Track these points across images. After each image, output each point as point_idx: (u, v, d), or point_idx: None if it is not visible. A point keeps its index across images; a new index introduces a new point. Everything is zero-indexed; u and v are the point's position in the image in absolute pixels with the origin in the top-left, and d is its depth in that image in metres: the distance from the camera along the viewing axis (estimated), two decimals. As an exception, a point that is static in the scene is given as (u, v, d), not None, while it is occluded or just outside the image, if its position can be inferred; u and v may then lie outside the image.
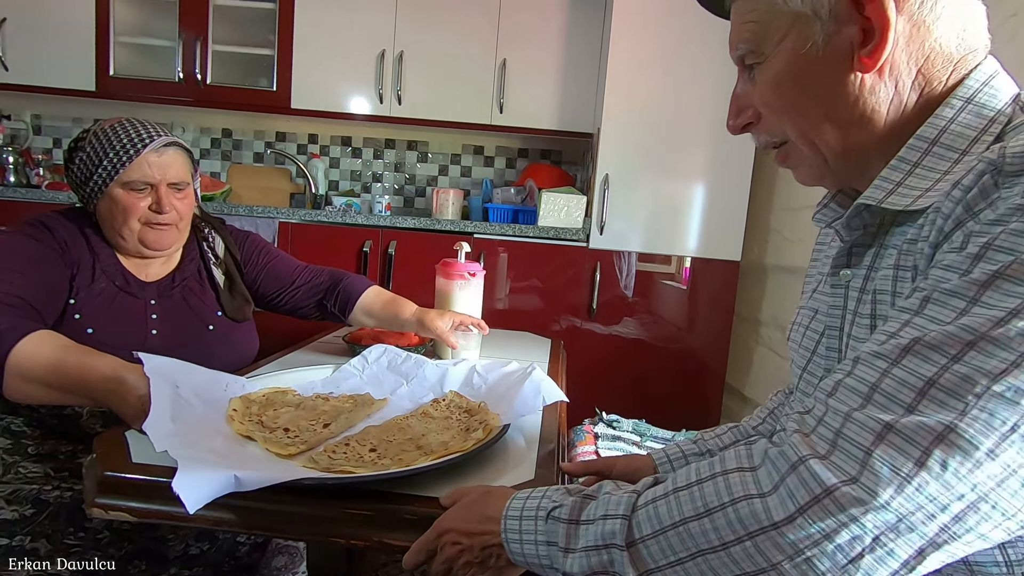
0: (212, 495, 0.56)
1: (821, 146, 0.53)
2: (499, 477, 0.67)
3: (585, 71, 2.36)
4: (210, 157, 2.74)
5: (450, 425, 0.78)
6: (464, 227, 2.14)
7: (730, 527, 0.41)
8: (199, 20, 2.34)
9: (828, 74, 0.50)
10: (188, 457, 0.60)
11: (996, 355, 0.36)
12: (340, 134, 2.72)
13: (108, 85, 2.36)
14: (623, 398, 2.08)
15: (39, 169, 2.47)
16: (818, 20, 0.49)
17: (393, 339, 1.18)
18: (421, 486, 0.63)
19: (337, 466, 0.64)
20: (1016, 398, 0.36)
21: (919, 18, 0.47)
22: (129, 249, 1.04)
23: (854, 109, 0.50)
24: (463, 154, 2.73)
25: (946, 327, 0.39)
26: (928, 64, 0.49)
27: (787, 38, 0.50)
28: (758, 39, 0.52)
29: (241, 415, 0.77)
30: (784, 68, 0.51)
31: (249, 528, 0.61)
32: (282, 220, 2.14)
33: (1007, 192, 0.40)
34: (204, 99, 2.40)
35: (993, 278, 0.38)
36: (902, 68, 0.48)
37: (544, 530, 0.50)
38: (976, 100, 0.48)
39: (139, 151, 0.99)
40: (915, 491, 0.36)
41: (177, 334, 1.05)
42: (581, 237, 2.12)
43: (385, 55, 2.35)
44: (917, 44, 0.48)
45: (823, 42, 0.49)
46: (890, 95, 0.49)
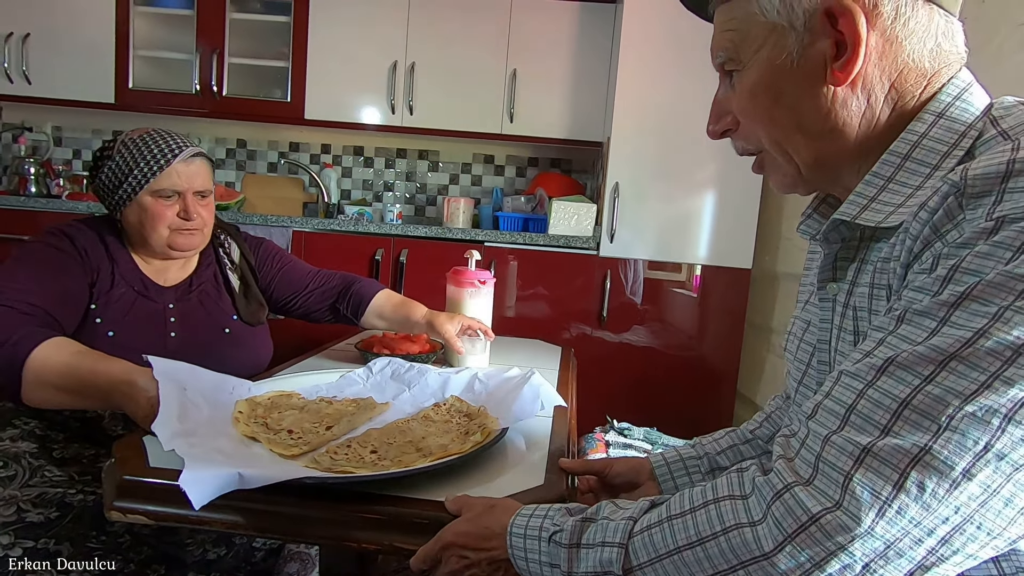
0: (217, 492, 0.57)
1: (793, 155, 0.54)
2: (504, 481, 0.68)
3: (595, 80, 2.37)
4: (225, 167, 2.79)
5: (450, 428, 0.79)
6: (475, 235, 2.16)
7: (723, 556, 0.42)
8: (216, 34, 2.39)
9: (802, 85, 0.50)
10: (194, 455, 0.61)
11: (967, 375, 0.37)
12: (352, 144, 2.76)
13: (127, 97, 2.42)
14: (634, 406, 2.07)
15: (59, 180, 2.52)
16: (793, 32, 0.49)
17: (404, 346, 1.19)
18: (423, 489, 0.63)
19: (338, 466, 0.65)
20: (987, 418, 0.36)
21: (891, 34, 0.48)
22: (156, 252, 1.08)
23: (826, 121, 0.50)
24: (473, 163, 2.75)
25: (917, 347, 0.39)
26: (901, 78, 0.49)
27: (763, 48, 0.51)
28: (736, 47, 0.53)
29: (247, 417, 0.79)
30: (760, 77, 0.52)
31: (261, 531, 0.62)
32: (296, 229, 2.17)
33: (971, 214, 0.40)
34: (220, 110, 2.44)
35: (961, 299, 0.38)
36: (875, 82, 0.49)
37: (547, 551, 0.51)
38: (947, 114, 0.48)
39: (169, 161, 1.03)
40: (897, 515, 0.37)
41: (194, 337, 1.08)
42: (591, 245, 2.13)
43: (397, 66, 2.39)
44: (890, 59, 0.48)
45: (798, 53, 0.50)
46: (862, 108, 0.50)
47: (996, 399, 0.36)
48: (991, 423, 0.36)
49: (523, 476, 0.69)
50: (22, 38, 2.37)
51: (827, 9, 0.47)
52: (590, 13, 2.35)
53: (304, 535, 0.63)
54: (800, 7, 0.48)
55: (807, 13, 0.48)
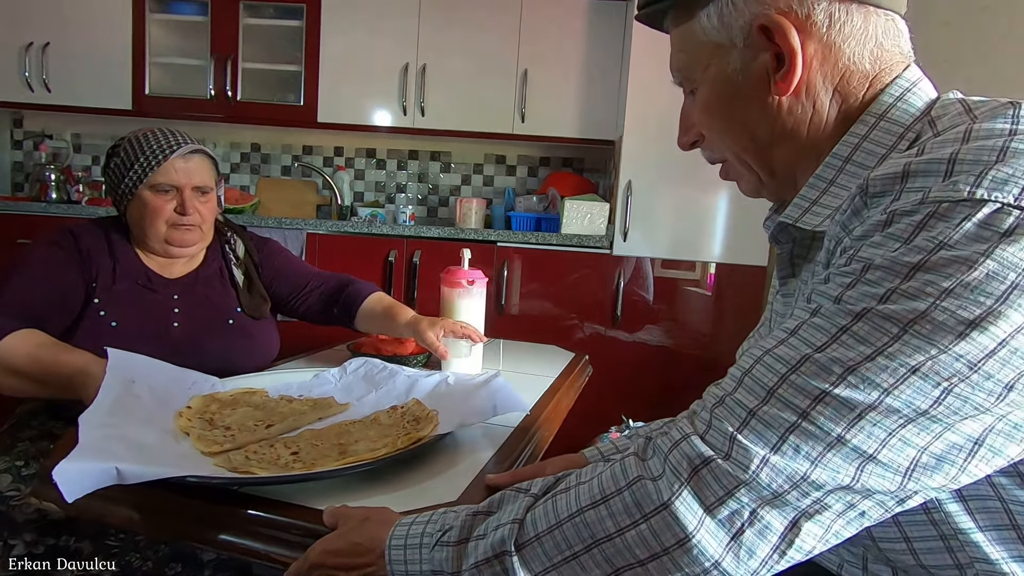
0: (92, 486, 0.55)
1: (752, 164, 0.56)
2: (416, 492, 0.63)
3: (606, 79, 2.36)
4: (239, 171, 2.82)
5: (390, 433, 0.75)
6: (487, 236, 2.16)
7: (627, 511, 0.42)
8: (230, 40, 2.42)
9: (749, 97, 0.52)
10: (85, 448, 0.60)
11: (854, 348, 0.39)
12: (365, 146, 2.77)
13: (144, 104, 2.45)
14: (650, 405, 2.06)
15: (79, 186, 2.57)
16: (735, 48, 0.51)
17: (392, 347, 1.18)
18: (327, 496, 0.59)
19: (246, 466, 0.63)
20: (867, 389, 0.38)
21: (828, 40, 0.49)
22: (156, 249, 1.10)
23: (774, 129, 0.52)
24: (485, 163, 2.75)
25: (813, 319, 0.42)
26: (844, 82, 0.50)
27: (711, 66, 0.53)
28: (687, 68, 0.56)
29: (193, 412, 0.77)
30: (710, 93, 0.55)
31: (147, 529, 0.61)
32: (309, 231, 2.18)
33: (873, 211, 0.42)
34: (234, 115, 2.47)
35: (855, 282, 0.41)
36: (818, 88, 0.50)
37: (429, 559, 0.48)
38: (888, 116, 0.49)
39: (167, 156, 1.05)
40: (776, 469, 0.39)
41: (198, 327, 1.09)
42: (604, 244, 2.12)
43: (408, 68, 2.40)
44: (831, 64, 0.50)
45: (741, 68, 0.52)
46: (808, 114, 0.51)
47: (877, 372, 0.38)
48: (870, 394, 0.38)
49: (440, 489, 0.64)
50: (42, 47, 2.42)
51: (760, 25, 0.49)
52: (601, 11, 2.34)
53: (191, 537, 0.59)
54: (736, 25, 0.50)
55: (743, 30, 0.50)
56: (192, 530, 0.59)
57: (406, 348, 1.19)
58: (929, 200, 0.39)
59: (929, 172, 0.40)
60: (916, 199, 0.40)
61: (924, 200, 0.39)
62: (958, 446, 0.39)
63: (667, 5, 0.55)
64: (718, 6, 0.51)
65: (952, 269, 0.37)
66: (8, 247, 2.10)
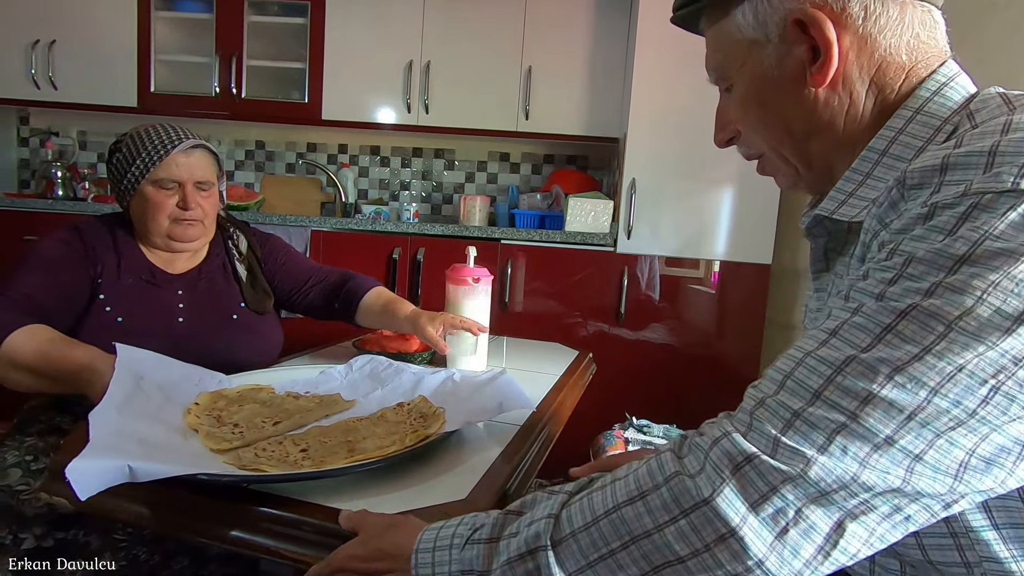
0: (104, 484, 0.55)
1: (789, 157, 0.56)
2: (423, 491, 0.63)
3: (611, 76, 2.36)
4: (244, 168, 2.83)
5: (398, 430, 0.75)
6: (491, 233, 2.16)
7: (665, 508, 0.41)
8: (234, 37, 2.42)
9: (785, 91, 0.53)
10: (100, 446, 0.60)
11: (899, 347, 0.38)
12: (369, 144, 2.78)
13: (149, 101, 2.46)
14: (654, 403, 2.06)
15: (84, 183, 2.58)
16: (770, 44, 0.52)
17: (397, 344, 1.18)
18: (337, 494, 0.59)
19: (255, 464, 0.63)
20: (914, 389, 0.38)
21: (864, 31, 0.49)
22: (158, 243, 1.11)
23: (811, 121, 0.53)
24: (489, 161, 2.75)
25: (855, 318, 0.41)
26: (880, 73, 0.50)
27: (746, 63, 0.54)
28: (723, 67, 0.57)
29: (201, 409, 0.78)
30: (746, 89, 0.55)
31: (157, 526, 0.60)
32: (314, 229, 2.19)
33: (911, 203, 0.42)
34: (239, 113, 2.48)
35: (897, 277, 0.40)
36: (855, 79, 0.51)
37: (459, 559, 0.48)
38: (925, 110, 0.49)
39: (168, 151, 1.06)
40: (824, 469, 0.38)
41: (203, 322, 1.10)
42: (608, 242, 2.12)
43: (413, 65, 2.40)
44: (867, 56, 0.50)
45: (776, 63, 0.52)
46: (845, 106, 0.52)
47: (925, 371, 0.37)
48: (918, 394, 0.37)
49: (448, 487, 0.64)
50: (48, 45, 2.43)
51: (795, 19, 0.50)
52: (606, 7, 2.34)
53: (201, 534, 0.59)
54: (772, 21, 0.51)
55: (779, 26, 0.51)
56: (202, 527, 0.59)
57: (411, 345, 1.19)
58: (972, 192, 0.38)
59: (969, 164, 0.40)
60: (958, 191, 0.39)
61: (967, 192, 0.39)
62: (1007, 449, 0.38)
63: (702, 5, 0.56)
64: (753, 3, 0.52)
65: (999, 261, 0.37)
66: (14, 244, 2.11)
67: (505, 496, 0.66)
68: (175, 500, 0.60)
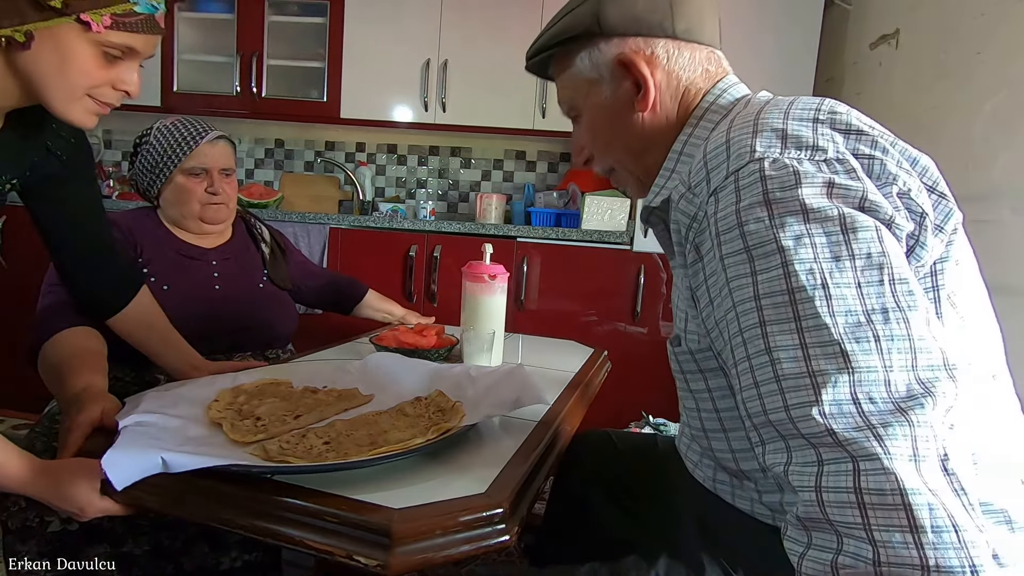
0: (139, 475, 0.57)
1: (632, 169, 0.71)
2: (446, 483, 0.63)
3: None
4: (264, 167, 2.86)
5: (417, 423, 0.76)
6: (507, 231, 2.17)
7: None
8: (255, 37, 2.45)
9: (619, 117, 0.68)
10: (132, 433, 0.61)
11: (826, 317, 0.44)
12: (386, 142, 2.80)
13: (172, 100, 2.50)
14: (670, 402, 2.04)
15: (109, 180, 2.63)
16: (604, 81, 0.67)
17: (413, 340, 1.19)
18: (359, 486, 0.60)
19: (281, 456, 0.64)
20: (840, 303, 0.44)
21: (669, 68, 0.66)
22: (191, 227, 1.23)
23: (642, 138, 0.68)
24: (505, 159, 2.76)
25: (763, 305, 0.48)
26: (685, 96, 0.67)
27: (589, 96, 0.69)
28: (572, 100, 0.71)
29: (222, 403, 0.79)
30: (591, 118, 0.70)
31: (188, 516, 0.61)
32: (332, 226, 2.21)
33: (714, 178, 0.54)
34: (259, 111, 2.51)
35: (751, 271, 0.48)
36: (668, 102, 0.67)
37: None
38: (705, 117, 0.65)
39: (197, 142, 1.18)
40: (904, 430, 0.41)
41: (236, 288, 1.24)
42: (625, 240, 2.11)
43: (430, 64, 2.41)
44: (674, 85, 0.66)
45: (611, 95, 0.67)
46: (662, 124, 0.67)
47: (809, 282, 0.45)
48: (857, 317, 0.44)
49: (467, 481, 0.64)
50: (75, 45, 2.48)
51: (619, 60, 0.66)
52: (623, 6, 2.33)
53: (227, 523, 0.60)
54: (603, 63, 0.67)
55: (608, 67, 0.66)
56: (227, 516, 0.60)
57: (427, 342, 1.20)
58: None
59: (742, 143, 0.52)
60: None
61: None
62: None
63: (548, 55, 0.71)
64: (589, 51, 0.67)
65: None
66: (42, 239, 2.17)
67: (523, 491, 0.66)
68: (202, 490, 0.61)
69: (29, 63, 0.65)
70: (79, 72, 0.67)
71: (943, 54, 1.50)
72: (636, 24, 0.65)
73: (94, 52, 0.67)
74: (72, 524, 0.84)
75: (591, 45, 0.67)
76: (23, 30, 0.62)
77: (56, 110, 0.69)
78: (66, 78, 0.67)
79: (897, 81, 1.73)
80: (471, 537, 0.58)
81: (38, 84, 0.67)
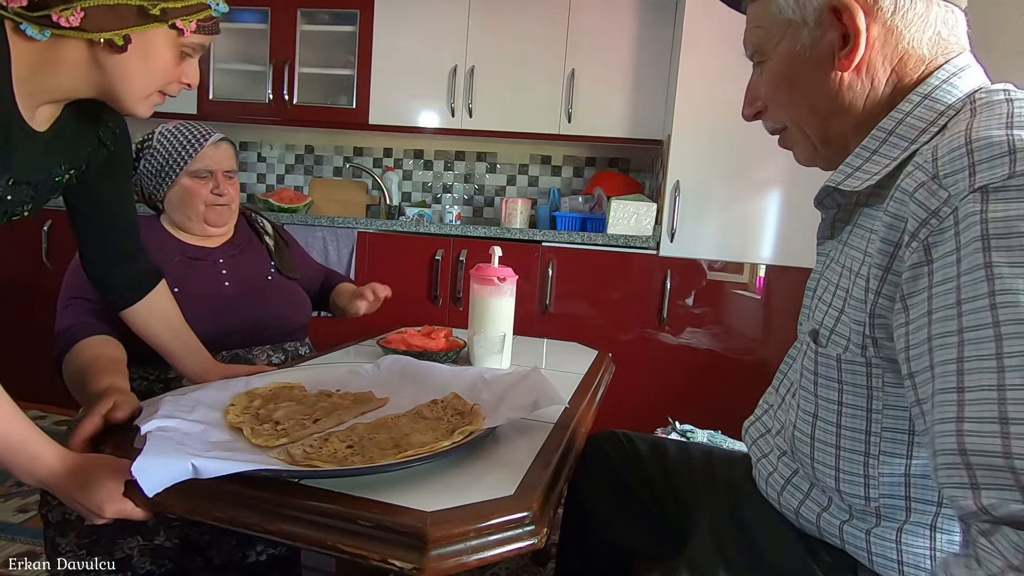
0: (170, 481, 0.57)
1: (810, 133, 0.62)
2: (473, 486, 0.63)
3: (655, 79, 2.34)
4: (294, 172, 2.93)
5: (438, 427, 0.76)
6: (533, 235, 2.17)
7: None
8: (287, 46, 2.52)
9: (814, 72, 0.58)
10: (159, 439, 0.61)
11: None
12: (413, 147, 2.83)
13: (207, 108, 2.58)
14: (697, 408, 2.02)
15: (147, 186, 2.72)
16: (806, 27, 0.58)
17: (422, 342, 1.19)
18: (385, 488, 0.60)
19: (306, 460, 0.64)
20: None
21: (891, 24, 0.55)
22: (194, 228, 1.23)
23: (835, 102, 0.58)
24: (531, 164, 2.77)
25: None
26: (901, 64, 0.56)
27: (782, 41, 0.60)
28: (761, 42, 0.62)
29: (239, 408, 0.79)
30: (779, 66, 0.61)
31: (219, 521, 0.61)
32: (360, 230, 2.25)
33: (952, 186, 0.45)
34: (290, 118, 2.57)
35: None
36: (878, 67, 0.56)
37: None
38: (933, 96, 0.54)
39: (202, 144, 1.20)
40: None
41: (244, 283, 1.24)
42: (651, 245, 2.10)
43: (457, 70, 2.44)
44: (891, 47, 0.56)
45: (810, 45, 0.58)
46: (866, 90, 0.57)
47: None
48: None
49: (492, 483, 0.64)
50: (117, 56, 2.58)
51: (832, 6, 0.55)
52: (650, 10, 2.32)
53: (254, 527, 0.60)
54: (811, 5, 0.56)
55: (816, 10, 0.56)
56: (256, 520, 0.60)
57: (436, 344, 1.20)
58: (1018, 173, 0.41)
59: (993, 151, 0.43)
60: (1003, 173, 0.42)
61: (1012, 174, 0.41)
62: None
63: None
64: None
65: None
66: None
67: (549, 493, 0.66)
68: (229, 495, 0.61)
69: (117, 63, 0.69)
70: (161, 71, 0.72)
71: None
72: None
73: (175, 52, 0.72)
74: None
75: None
76: (122, 34, 0.67)
77: (126, 105, 0.73)
78: (149, 77, 0.71)
79: None
80: (503, 539, 0.58)
81: (119, 81, 0.70)
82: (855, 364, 0.54)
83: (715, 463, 0.86)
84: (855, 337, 0.54)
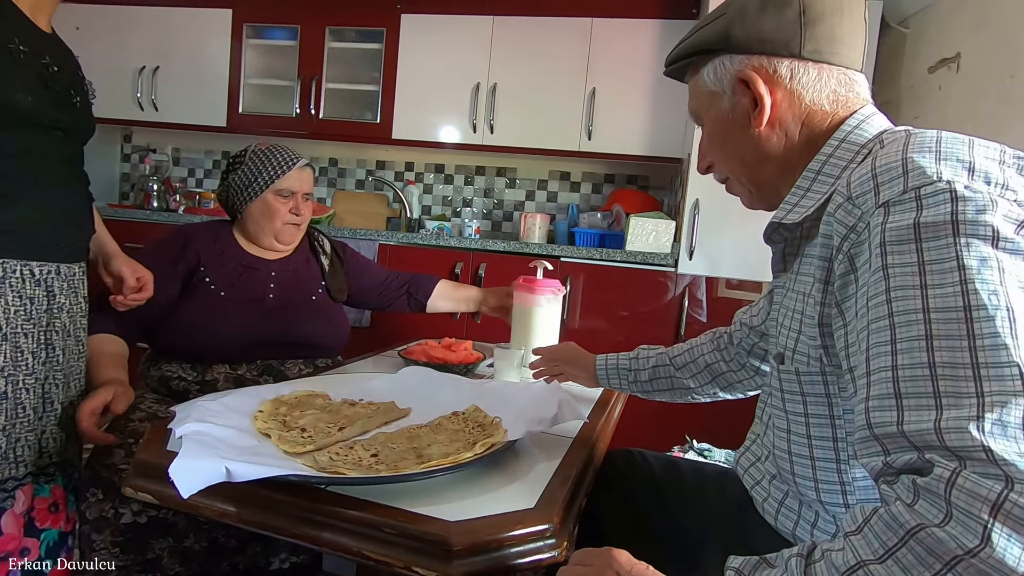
0: (204, 483, 0.59)
1: (744, 181, 0.73)
2: (495, 498, 0.65)
3: (675, 96, 2.36)
4: (318, 184, 2.99)
5: (459, 438, 0.77)
6: (551, 250, 2.19)
7: (921, 563, 0.40)
8: (315, 62, 2.59)
9: (737, 130, 0.70)
10: (191, 446, 0.63)
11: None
12: (434, 162, 2.88)
13: (236, 121, 2.66)
14: (714, 427, 2.00)
15: (176, 196, 2.80)
16: (725, 95, 0.70)
17: (441, 354, 1.21)
18: (408, 497, 0.62)
19: (332, 467, 0.65)
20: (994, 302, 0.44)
21: (791, 87, 0.66)
22: (264, 242, 1.31)
23: (758, 153, 0.69)
24: (550, 180, 2.80)
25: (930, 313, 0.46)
26: (809, 117, 0.67)
27: (711, 108, 0.72)
28: (697, 109, 0.75)
29: (266, 415, 0.81)
30: (711, 128, 0.73)
31: (247, 524, 0.63)
32: (381, 242, 2.29)
33: (862, 206, 0.54)
34: (316, 132, 2.63)
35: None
36: (789, 121, 0.67)
37: None
38: (848, 139, 0.64)
39: (291, 166, 1.29)
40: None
41: (288, 300, 1.30)
42: (669, 262, 2.10)
43: (480, 87, 2.48)
44: (797, 105, 0.67)
45: (730, 109, 0.69)
46: (783, 141, 0.68)
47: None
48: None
49: (516, 495, 0.66)
50: (153, 71, 2.67)
51: (740, 78, 0.67)
52: (670, 29, 2.35)
53: (280, 532, 0.62)
54: (725, 79, 0.69)
55: (730, 82, 0.69)
56: (282, 525, 0.62)
57: (455, 356, 1.22)
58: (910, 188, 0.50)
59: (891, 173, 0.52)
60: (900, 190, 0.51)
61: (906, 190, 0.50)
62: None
63: (684, 64, 0.75)
64: (714, 65, 0.69)
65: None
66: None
67: (569, 507, 0.67)
68: (257, 499, 0.63)
69: None
70: None
71: (1008, 78, 1.46)
72: (761, 44, 0.66)
73: None
74: (142, 516, 0.89)
75: (718, 60, 0.69)
76: None
77: None
78: None
79: (956, 105, 1.68)
80: (525, 551, 0.59)
81: None
82: (812, 375, 0.62)
83: (728, 483, 0.86)
84: (813, 352, 0.62)
